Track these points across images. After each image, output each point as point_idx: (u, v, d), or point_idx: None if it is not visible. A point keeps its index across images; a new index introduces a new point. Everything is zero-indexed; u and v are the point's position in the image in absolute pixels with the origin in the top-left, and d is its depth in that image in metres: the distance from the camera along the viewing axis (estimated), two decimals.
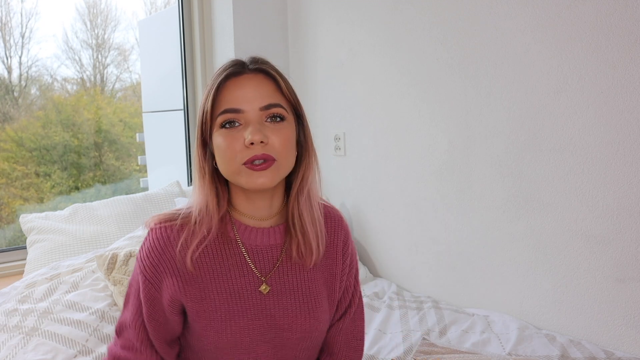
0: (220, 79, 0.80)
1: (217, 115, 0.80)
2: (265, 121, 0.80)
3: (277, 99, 0.81)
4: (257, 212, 0.86)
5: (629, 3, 1.26)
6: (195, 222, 0.83)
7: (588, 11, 1.33)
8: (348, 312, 0.97)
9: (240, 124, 0.79)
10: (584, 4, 1.34)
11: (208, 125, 0.81)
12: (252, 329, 0.84)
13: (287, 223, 0.87)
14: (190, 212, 0.85)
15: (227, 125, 0.79)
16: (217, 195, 0.84)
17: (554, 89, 1.43)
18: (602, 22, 1.31)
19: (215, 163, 0.83)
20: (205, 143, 0.83)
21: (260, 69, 0.82)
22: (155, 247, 0.84)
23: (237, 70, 0.81)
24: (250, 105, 0.79)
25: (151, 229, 0.86)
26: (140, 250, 0.87)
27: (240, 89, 0.79)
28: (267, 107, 0.80)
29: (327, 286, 0.91)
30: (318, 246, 0.87)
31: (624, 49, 1.28)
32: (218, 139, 0.80)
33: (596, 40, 1.33)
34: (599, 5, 1.31)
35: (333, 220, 0.95)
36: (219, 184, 0.85)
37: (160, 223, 0.85)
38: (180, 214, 0.86)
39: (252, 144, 0.77)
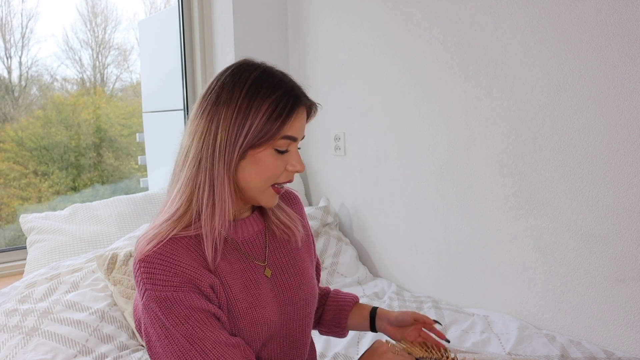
0: (295, 105, 0.84)
1: (279, 137, 0.83)
2: None
3: None
4: (238, 208, 0.91)
5: (629, 3, 1.26)
6: (195, 223, 0.82)
7: (588, 11, 1.33)
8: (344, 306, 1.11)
9: (287, 151, 0.86)
10: (584, 4, 1.34)
11: (262, 141, 0.82)
12: (267, 317, 0.87)
13: (261, 212, 0.95)
14: (170, 222, 0.82)
15: (283, 150, 0.84)
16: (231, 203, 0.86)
17: (554, 89, 1.43)
18: (602, 22, 1.31)
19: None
20: (244, 155, 0.83)
21: (313, 105, 0.89)
22: (167, 264, 0.78)
23: (303, 101, 0.86)
24: (300, 136, 0.87)
25: (145, 259, 0.79)
26: (153, 290, 0.77)
27: (301, 120, 0.86)
28: (302, 138, 0.89)
29: (308, 254, 1.02)
30: (294, 224, 0.96)
31: (624, 49, 1.28)
32: (268, 160, 0.84)
33: (596, 40, 1.33)
34: (599, 5, 1.31)
35: (294, 199, 1.06)
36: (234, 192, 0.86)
37: (152, 249, 0.79)
38: (161, 232, 0.81)
39: (296, 172, 0.87)
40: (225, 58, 2.28)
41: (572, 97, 1.39)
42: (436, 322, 0.99)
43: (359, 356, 0.92)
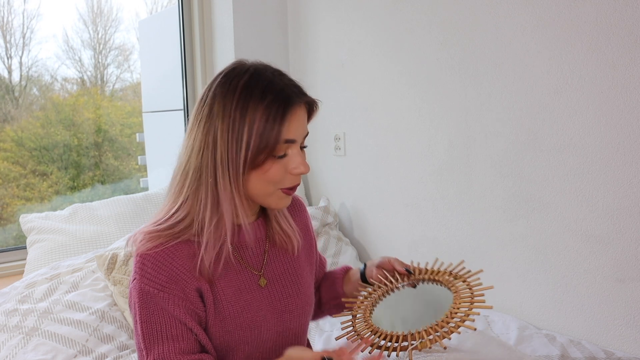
0: (288, 108, 0.80)
1: (279, 144, 0.80)
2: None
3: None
4: (249, 212, 0.91)
5: (629, 3, 1.26)
6: (199, 235, 0.83)
7: (588, 11, 1.33)
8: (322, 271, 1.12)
9: (286, 154, 0.82)
10: (584, 4, 1.34)
11: (263, 151, 0.79)
12: (259, 322, 0.87)
13: (265, 217, 0.94)
14: (176, 222, 0.83)
15: (281, 155, 0.81)
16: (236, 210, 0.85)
17: (554, 89, 1.43)
18: (602, 22, 1.31)
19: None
20: (255, 166, 0.81)
21: (310, 102, 0.85)
22: (160, 263, 0.81)
23: (297, 101, 0.81)
24: (300, 137, 0.84)
25: (142, 254, 0.81)
26: (140, 281, 0.80)
27: (298, 120, 0.82)
28: (305, 136, 0.86)
29: (309, 262, 1.02)
30: (294, 234, 0.95)
31: (624, 49, 1.28)
32: (267, 165, 0.81)
33: (596, 40, 1.33)
34: (599, 5, 1.31)
35: (299, 207, 1.05)
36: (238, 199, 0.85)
37: (152, 248, 0.81)
38: (163, 237, 0.83)
39: (301, 174, 0.83)
40: (225, 58, 2.28)
41: (572, 97, 1.39)
42: (408, 272, 0.95)
43: None
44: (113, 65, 2.99)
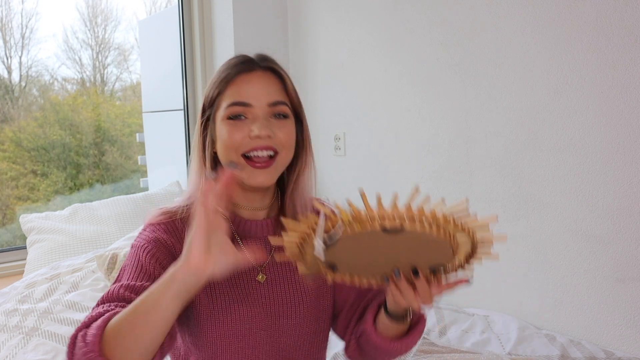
0: (230, 72, 0.84)
1: (225, 107, 0.82)
2: (271, 117, 0.84)
3: (283, 97, 0.86)
4: (250, 203, 0.89)
5: (629, 3, 1.26)
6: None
7: (588, 11, 1.33)
8: (371, 304, 0.90)
9: (247, 118, 0.82)
10: (584, 4, 1.34)
11: (212, 113, 0.84)
12: (251, 317, 0.86)
13: (280, 216, 0.91)
14: (188, 204, 0.87)
15: (234, 118, 0.82)
16: None
17: (554, 89, 1.43)
18: (602, 22, 1.31)
19: (215, 152, 0.87)
20: (205, 129, 0.86)
21: (270, 67, 0.86)
22: (159, 230, 0.84)
23: (248, 67, 0.84)
24: (259, 101, 0.82)
25: (151, 223, 0.87)
26: (140, 234, 0.86)
27: (250, 84, 0.83)
28: (275, 104, 0.83)
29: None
30: None
31: (624, 49, 1.28)
32: (222, 129, 0.83)
33: (596, 40, 1.33)
34: (599, 5, 1.31)
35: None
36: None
37: (161, 216, 0.87)
38: (179, 209, 0.88)
39: (257, 137, 0.81)
40: (225, 58, 2.27)
41: (572, 97, 1.39)
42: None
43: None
44: (112, 65, 2.99)
